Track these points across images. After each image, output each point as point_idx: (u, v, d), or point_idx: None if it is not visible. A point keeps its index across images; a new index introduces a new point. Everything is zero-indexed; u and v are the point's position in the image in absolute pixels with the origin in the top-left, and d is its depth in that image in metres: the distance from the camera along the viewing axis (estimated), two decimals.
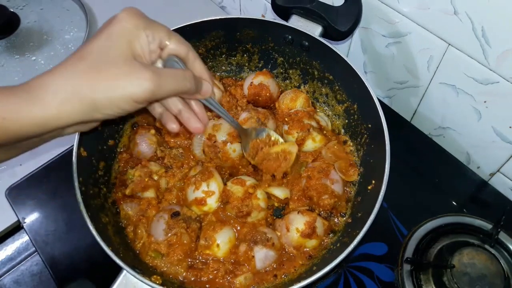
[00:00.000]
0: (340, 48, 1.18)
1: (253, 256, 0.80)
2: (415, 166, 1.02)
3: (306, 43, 0.96)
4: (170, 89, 0.58)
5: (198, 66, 0.66)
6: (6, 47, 1.26)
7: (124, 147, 0.97)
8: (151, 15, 0.61)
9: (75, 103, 0.52)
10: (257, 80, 0.99)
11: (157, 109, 0.67)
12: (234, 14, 1.50)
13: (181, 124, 0.68)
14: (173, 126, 0.67)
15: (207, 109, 0.72)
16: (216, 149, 0.90)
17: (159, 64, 0.63)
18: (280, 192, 0.87)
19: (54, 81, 0.52)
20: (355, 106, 0.95)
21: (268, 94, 0.99)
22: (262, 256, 0.80)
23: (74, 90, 0.52)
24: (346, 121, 1.00)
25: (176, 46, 0.62)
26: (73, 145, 0.80)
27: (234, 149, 0.91)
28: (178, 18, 1.41)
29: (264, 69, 1.05)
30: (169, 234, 0.80)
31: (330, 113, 1.04)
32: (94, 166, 0.87)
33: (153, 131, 0.95)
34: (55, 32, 1.29)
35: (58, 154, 1.05)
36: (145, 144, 0.93)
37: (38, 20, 1.32)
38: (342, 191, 0.88)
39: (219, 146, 0.90)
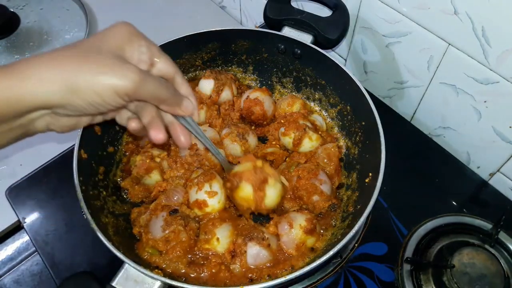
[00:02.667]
0: (340, 48, 1.19)
1: (245, 251, 0.80)
2: (415, 166, 1.02)
3: (298, 51, 1.00)
4: (152, 89, 0.56)
5: (184, 89, 0.65)
6: (6, 47, 1.26)
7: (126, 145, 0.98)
8: (152, 14, 0.61)
9: (55, 81, 0.50)
10: (254, 95, 1.01)
11: (124, 115, 0.64)
12: (234, 14, 1.50)
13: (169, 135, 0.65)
14: (160, 136, 0.62)
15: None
16: (199, 157, 0.92)
17: None
18: (283, 179, 0.88)
19: (39, 60, 0.51)
20: (348, 107, 0.97)
21: (261, 110, 1.00)
22: (254, 253, 0.80)
23: (57, 69, 0.51)
24: (340, 123, 1.01)
25: (164, 65, 0.61)
26: (73, 145, 0.81)
27: None
28: (178, 18, 1.41)
29: (264, 87, 1.07)
30: (167, 231, 0.80)
31: (325, 114, 1.05)
32: (94, 170, 0.87)
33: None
34: (55, 32, 1.29)
35: (58, 154, 1.05)
36: None
37: (38, 20, 1.32)
38: (331, 191, 0.89)
39: (201, 153, 0.92)
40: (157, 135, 0.61)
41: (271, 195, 0.81)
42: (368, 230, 0.92)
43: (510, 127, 0.90)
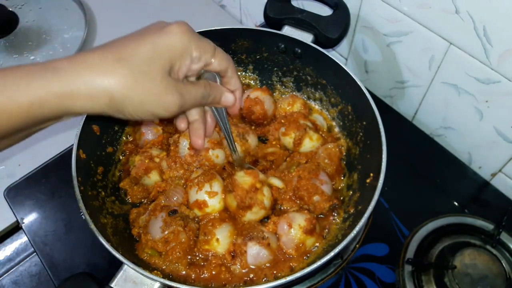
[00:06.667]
0: (341, 47, 1.18)
1: (246, 251, 0.79)
2: (416, 166, 1.02)
3: (299, 50, 0.99)
4: (192, 103, 0.62)
5: (233, 82, 0.70)
6: (5, 47, 1.25)
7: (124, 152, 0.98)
8: (150, 14, 0.60)
9: (103, 100, 0.52)
10: (254, 95, 1.00)
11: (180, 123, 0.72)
12: (234, 13, 1.49)
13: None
14: (199, 142, 0.72)
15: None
16: (199, 157, 0.91)
17: (192, 78, 0.65)
18: (279, 182, 0.88)
19: (89, 74, 0.51)
20: (349, 107, 0.96)
21: (262, 110, 0.99)
22: (254, 252, 0.79)
23: (107, 89, 0.52)
24: (341, 123, 1.01)
25: (218, 64, 0.65)
26: (71, 145, 0.81)
27: (217, 155, 0.91)
28: (177, 17, 1.40)
29: (264, 86, 1.07)
30: (166, 232, 0.79)
31: (326, 114, 1.05)
32: (93, 170, 0.87)
33: (157, 121, 0.99)
34: (53, 31, 1.29)
35: (57, 154, 1.05)
36: (151, 133, 0.97)
37: (36, 19, 1.31)
38: (332, 192, 0.89)
39: (201, 154, 0.91)
40: (197, 141, 0.71)
41: (250, 218, 0.85)
42: (369, 231, 0.91)
43: None
